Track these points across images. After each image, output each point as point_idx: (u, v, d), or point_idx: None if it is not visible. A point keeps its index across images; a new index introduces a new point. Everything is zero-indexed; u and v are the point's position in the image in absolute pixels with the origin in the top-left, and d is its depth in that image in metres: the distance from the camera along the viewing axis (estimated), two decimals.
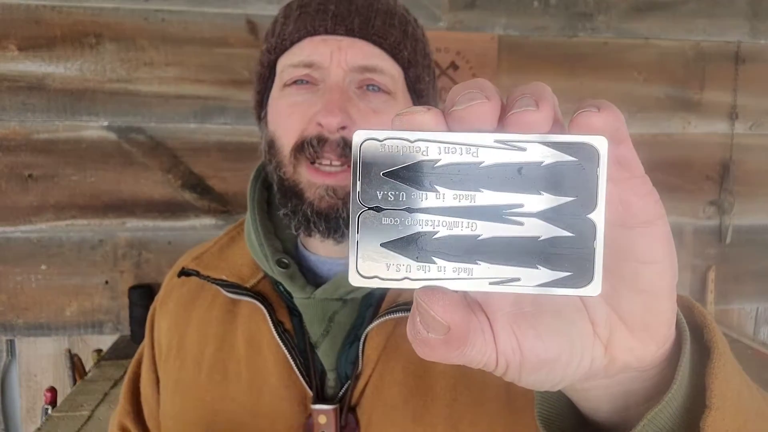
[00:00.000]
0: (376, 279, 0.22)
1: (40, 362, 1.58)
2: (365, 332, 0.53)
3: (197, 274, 0.61)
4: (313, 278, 0.58)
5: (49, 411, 1.33)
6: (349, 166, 0.53)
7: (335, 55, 0.53)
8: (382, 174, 0.21)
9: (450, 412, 0.50)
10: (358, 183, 0.22)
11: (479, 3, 1.65)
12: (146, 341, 0.66)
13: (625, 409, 0.29)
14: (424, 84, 0.59)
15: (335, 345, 0.54)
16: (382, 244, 0.22)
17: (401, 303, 0.54)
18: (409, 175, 0.21)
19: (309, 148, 0.53)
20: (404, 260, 0.22)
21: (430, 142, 0.21)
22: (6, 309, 1.54)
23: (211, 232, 1.58)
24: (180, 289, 0.63)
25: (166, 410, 0.59)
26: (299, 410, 0.53)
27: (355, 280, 0.22)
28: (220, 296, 0.59)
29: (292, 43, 0.56)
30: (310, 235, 0.56)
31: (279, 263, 0.57)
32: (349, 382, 0.53)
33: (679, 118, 1.79)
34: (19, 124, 1.50)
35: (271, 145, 0.57)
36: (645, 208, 0.23)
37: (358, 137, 0.21)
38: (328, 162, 0.53)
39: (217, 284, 0.59)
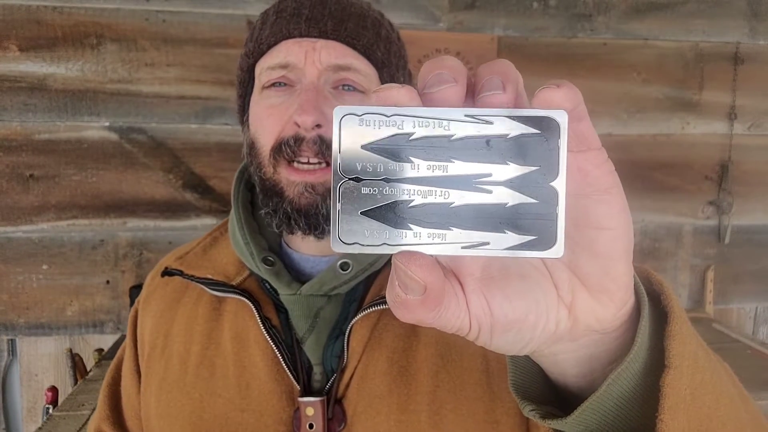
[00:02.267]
0: (356, 245, 0.23)
1: (41, 362, 1.59)
2: (350, 325, 0.55)
3: (181, 273, 0.62)
4: (297, 275, 0.60)
5: (50, 410, 1.33)
6: (328, 165, 0.55)
7: (309, 55, 0.55)
8: (361, 147, 0.23)
9: (433, 398, 0.52)
10: (339, 155, 0.23)
11: (479, 4, 1.66)
12: (128, 341, 0.66)
13: (591, 372, 0.31)
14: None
15: (321, 340, 0.56)
16: (361, 212, 0.23)
17: (384, 295, 0.55)
18: (386, 147, 0.23)
19: (286, 148, 0.54)
20: (383, 227, 0.23)
21: (405, 116, 0.23)
22: (7, 308, 1.54)
23: None
24: (163, 288, 0.64)
25: (151, 409, 0.59)
26: (287, 404, 0.54)
27: (337, 247, 0.23)
28: (205, 295, 0.60)
29: (269, 47, 0.57)
30: (291, 233, 0.58)
31: (265, 261, 0.58)
32: (335, 375, 0.54)
33: (678, 118, 1.79)
34: (20, 125, 1.50)
35: (252, 147, 0.59)
36: (601, 177, 0.25)
37: (338, 112, 0.23)
38: (305, 160, 0.55)
39: (202, 283, 0.60)
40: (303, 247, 0.61)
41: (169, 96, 1.55)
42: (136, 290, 1.54)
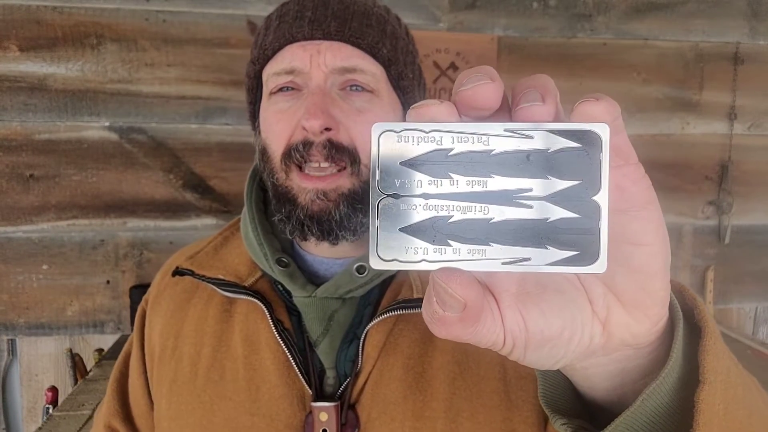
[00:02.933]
0: (395, 262, 0.23)
1: (41, 362, 1.59)
2: (366, 330, 0.54)
3: (192, 273, 0.61)
4: (310, 277, 0.59)
5: (50, 410, 1.33)
6: (339, 170, 0.54)
7: (314, 59, 0.54)
8: (400, 163, 0.23)
9: (449, 406, 0.51)
10: (377, 172, 0.23)
11: (479, 4, 1.66)
12: (135, 341, 0.66)
13: (621, 386, 0.31)
14: (407, 80, 0.60)
15: (334, 343, 0.55)
16: (400, 229, 0.23)
17: (400, 300, 0.54)
18: (425, 163, 0.23)
19: (296, 153, 0.54)
20: (421, 243, 0.23)
21: (443, 132, 0.23)
22: (7, 308, 1.54)
23: (212, 232, 1.58)
24: (173, 288, 0.63)
25: (162, 412, 0.59)
26: (298, 409, 0.53)
27: (376, 264, 0.23)
28: (216, 296, 0.60)
29: (274, 52, 0.57)
30: (305, 239, 0.57)
31: (279, 262, 0.57)
32: (348, 379, 0.53)
33: (678, 118, 1.79)
34: (20, 125, 1.50)
35: (264, 153, 0.59)
36: (638, 193, 0.25)
37: (376, 129, 0.23)
38: (316, 164, 0.54)
39: (213, 283, 0.59)
40: (316, 249, 0.60)
41: (169, 96, 1.55)
42: (136, 290, 1.54)
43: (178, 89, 1.55)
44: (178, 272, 0.62)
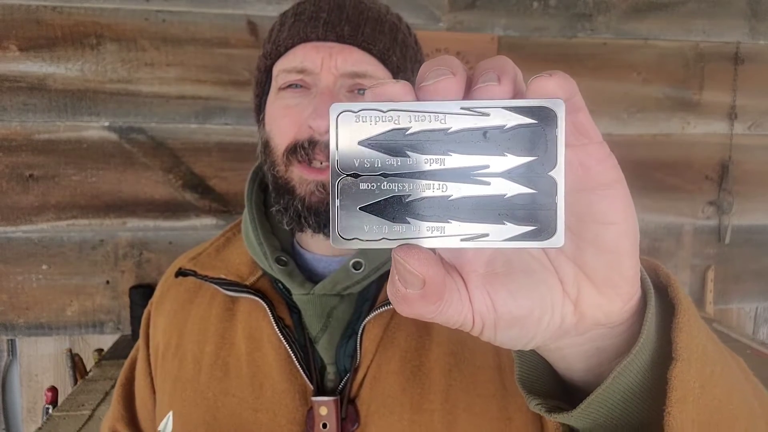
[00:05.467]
0: (355, 240, 0.23)
1: (41, 362, 1.58)
2: (362, 325, 0.55)
3: (194, 274, 0.62)
4: (309, 275, 0.60)
5: (50, 411, 1.33)
6: None
7: (326, 62, 0.55)
8: (358, 143, 0.23)
9: (446, 397, 0.52)
10: (336, 152, 0.23)
11: (479, 4, 1.66)
12: (141, 343, 0.67)
13: (598, 366, 0.31)
14: None
15: (333, 339, 0.56)
16: (360, 208, 0.23)
17: None
18: (383, 142, 0.23)
19: (301, 150, 0.55)
20: (381, 222, 0.23)
21: (401, 111, 0.23)
22: (7, 309, 1.54)
23: (211, 232, 1.59)
24: (177, 288, 0.65)
25: (164, 409, 0.59)
26: (300, 404, 0.54)
27: (336, 243, 0.23)
28: (219, 295, 0.61)
29: (287, 49, 0.58)
30: (301, 230, 0.58)
31: (278, 261, 0.59)
32: (348, 374, 0.54)
33: (678, 118, 1.79)
34: (20, 125, 1.50)
35: (266, 146, 0.60)
36: (604, 172, 0.25)
37: (334, 109, 0.23)
38: (319, 163, 0.55)
39: (216, 283, 0.60)
40: (315, 247, 0.61)
41: (169, 96, 1.55)
42: (135, 290, 1.54)
43: (178, 89, 1.55)
44: (181, 273, 0.64)
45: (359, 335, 0.55)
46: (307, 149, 0.55)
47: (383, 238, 0.23)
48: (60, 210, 1.53)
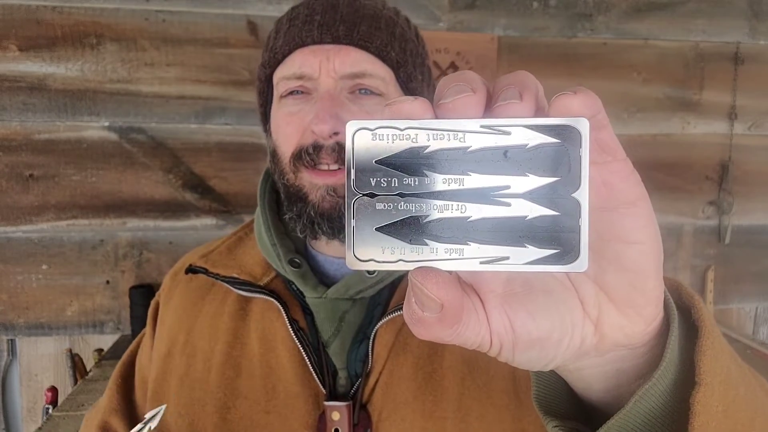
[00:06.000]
0: (371, 262, 0.23)
1: (41, 362, 1.58)
2: (374, 330, 0.54)
3: (205, 271, 0.62)
4: (321, 278, 0.60)
5: (50, 411, 1.33)
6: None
7: (324, 66, 0.55)
8: (375, 161, 0.22)
9: (459, 405, 0.51)
10: (353, 171, 0.23)
11: (479, 3, 1.66)
12: (148, 332, 0.66)
13: (617, 387, 0.30)
14: (416, 82, 0.60)
15: (345, 344, 0.55)
16: (376, 229, 0.23)
17: None
18: (401, 161, 0.22)
19: (306, 155, 0.55)
20: (398, 243, 0.23)
21: (419, 129, 0.22)
22: (7, 309, 1.54)
23: (211, 232, 1.59)
24: (186, 285, 0.64)
25: (173, 407, 0.58)
26: (312, 408, 0.53)
27: (352, 264, 0.23)
28: (232, 294, 0.60)
29: (284, 56, 0.58)
30: (315, 238, 0.58)
31: (291, 263, 0.58)
32: (360, 379, 0.54)
33: (678, 118, 1.79)
34: (20, 124, 1.50)
35: (274, 154, 0.59)
36: (627, 190, 0.24)
37: (350, 127, 0.22)
38: (326, 167, 0.55)
39: (227, 282, 0.59)
40: (327, 249, 0.61)
41: (168, 96, 1.55)
42: (135, 290, 1.54)
43: (178, 89, 1.55)
44: (191, 270, 0.63)
45: (371, 340, 0.54)
46: (312, 154, 0.54)
47: (400, 260, 0.23)
48: (60, 210, 1.53)
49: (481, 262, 0.22)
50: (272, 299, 0.57)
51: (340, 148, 0.54)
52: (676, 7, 1.74)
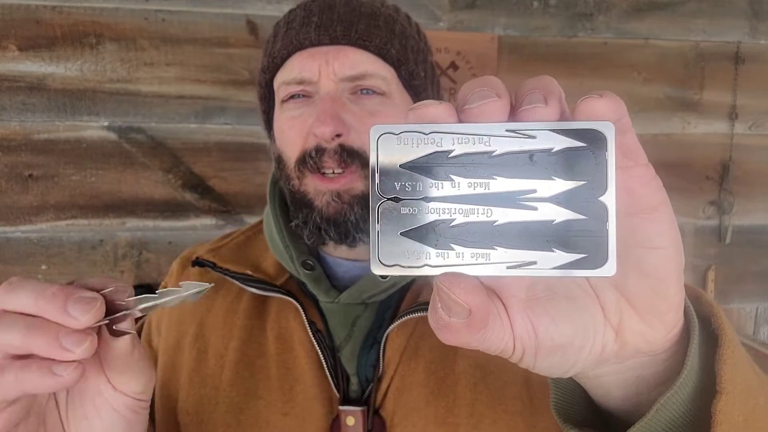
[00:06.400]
0: (397, 267, 0.22)
1: None
2: (386, 334, 0.53)
3: (213, 266, 0.60)
4: (330, 281, 0.59)
5: None
6: (351, 171, 0.54)
7: (323, 69, 0.54)
8: (399, 166, 0.22)
9: (471, 411, 0.50)
10: (377, 175, 0.22)
11: (479, 3, 1.65)
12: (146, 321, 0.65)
13: (636, 395, 0.30)
14: (419, 80, 0.59)
15: (355, 349, 0.55)
16: (401, 233, 0.22)
17: (421, 303, 0.54)
18: (425, 165, 0.22)
19: (310, 159, 0.54)
20: (424, 248, 0.22)
21: (443, 133, 0.22)
22: None
23: (211, 232, 1.58)
24: (200, 278, 0.62)
25: (182, 403, 0.57)
26: (327, 411, 0.53)
27: (377, 269, 0.22)
28: (246, 292, 0.59)
29: (283, 60, 0.57)
30: (323, 243, 0.58)
31: (305, 265, 0.57)
32: (371, 384, 0.53)
33: (678, 118, 1.79)
34: (19, 124, 1.50)
35: (279, 160, 0.59)
36: (649, 195, 0.24)
37: (374, 132, 0.22)
38: (330, 171, 0.54)
39: (239, 279, 0.58)
40: (336, 251, 0.60)
41: (168, 96, 1.54)
42: (135, 290, 1.53)
43: (177, 89, 1.55)
44: (198, 263, 0.61)
45: (382, 344, 0.53)
46: (315, 157, 0.54)
47: (425, 265, 0.22)
48: (59, 210, 1.53)
49: (508, 267, 0.22)
50: (290, 299, 0.56)
51: (342, 150, 0.53)
52: (677, 7, 1.74)
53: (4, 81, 1.48)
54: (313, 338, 0.54)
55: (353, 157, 0.54)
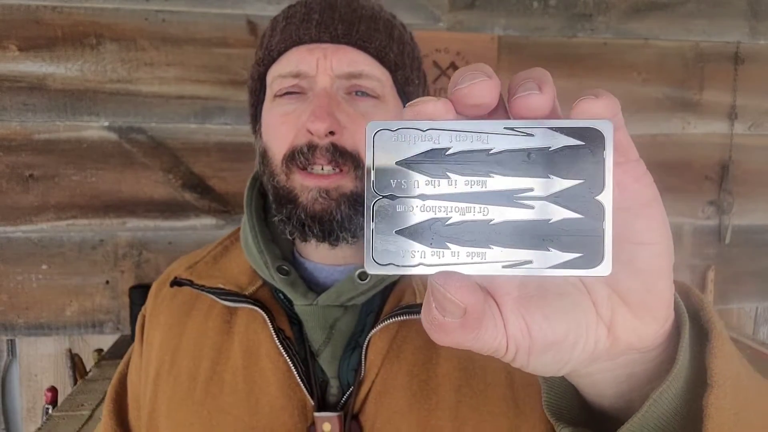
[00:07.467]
0: (391, 266, 0.22)
1: (40, 362, 1.58)
2: (368, 337, 0.53)
3: (191, 284, 0.60)
4: (309, 286, 0.58)
5: (50, 411, 1.33)
6: (342, 170, 0.53)
7: (321, 64, 0.54)
8: (395, 163, 0.22)
9: (455, 414, 0.50)
10: (373, 172, 0.22)
11: (479, 3, 1.66)
12: (136, 347, 0.64)
13: (629, 392, 0.30)
14: (413, 86, 0.59)
15: (336, 352, 0.54)
16: (396, 231, 0.22)
17: (404, 306, 0.53)
18: (422, 163, 0.22)
19: (300, 156, 0.53)
20: (419, 246, 0.22)
21: (441, 130, 0.22)
22: (7, 309, 1.54)
23: (211, 232, 1.59)
24: (171, 301, 0.62)
25: (160, 430, 0.57)
26: (299, 420, 0.52)
27: (371, 268, 0.22)
28: (217, 306, 0.58)
29: (279, 54, 0.56)
30: (305, 240, 0.56)
31: (279, 270, 0.56)
32: (351, 389, 0.52)
33: (678, 118, 1.79)
34: (19, 124, 1.50)
35: (264, 155, 0.58)
36: (640, 191, 0.24)
37: (371, 127, 0.22)
38: (320, 168, 0.53)
39: (213, 293, 0.58)
40: (316, 256, 0.59)
41: (168, 96, 1.55)
42: (135, 290, 1.54)
43: (177, 89, 1.55)
44: (176, 282, 0.61)
45: (364, 348, 0.52)
46: (306, 154, 0.52)
47: (420, 264, 0.22)
48: (60, 210, 1.53)
49: (504, 266, 0.22)
50: (257, 308, 0.55)
51: (335, 149, 0.52)
52: (676, 7, 1.74)
53: (4, 81, 1.48)
54: (280, 347, 0.53)
55: (345, 158, 0.53)
